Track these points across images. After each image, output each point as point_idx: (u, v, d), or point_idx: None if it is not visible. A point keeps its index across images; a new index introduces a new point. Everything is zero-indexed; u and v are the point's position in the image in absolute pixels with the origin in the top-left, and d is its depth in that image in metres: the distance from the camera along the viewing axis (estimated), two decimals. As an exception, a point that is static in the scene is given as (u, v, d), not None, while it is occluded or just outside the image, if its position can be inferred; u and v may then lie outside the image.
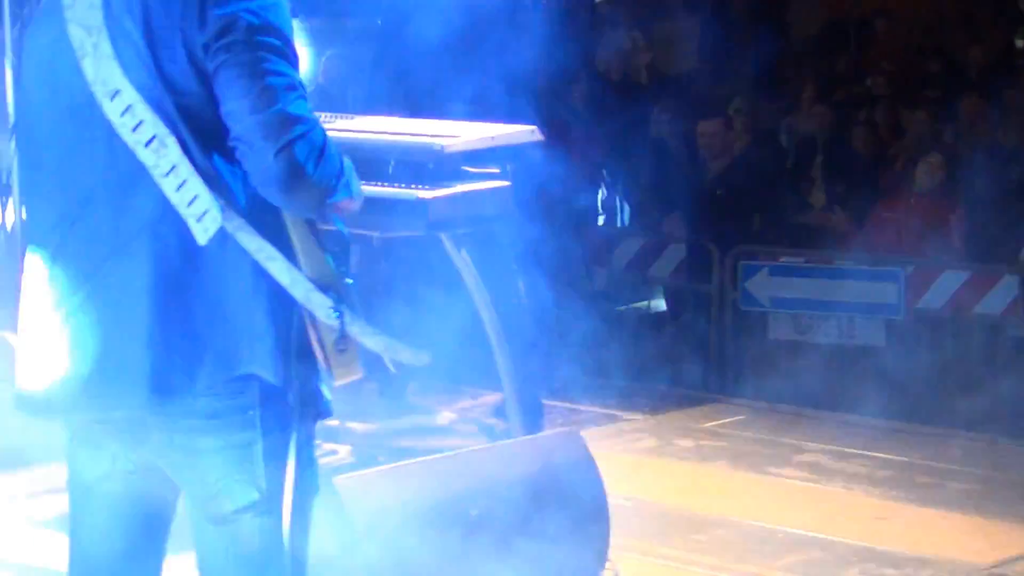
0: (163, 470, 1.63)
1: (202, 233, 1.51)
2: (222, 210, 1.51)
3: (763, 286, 5.60)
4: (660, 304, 6.58)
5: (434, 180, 2.87)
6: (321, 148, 1.54)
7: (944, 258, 5.56)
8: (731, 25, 12.94)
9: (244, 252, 1.53)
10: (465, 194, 2.90)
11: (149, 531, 1.70)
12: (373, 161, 3.21)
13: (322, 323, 1.57)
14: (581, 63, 9.98)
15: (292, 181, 1.52)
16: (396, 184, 2.85)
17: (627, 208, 8.82)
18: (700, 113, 6.82)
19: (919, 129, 7.45)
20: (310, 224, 1.62)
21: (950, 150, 7.30)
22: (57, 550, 2.96)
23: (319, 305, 1.54)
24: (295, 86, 1.54)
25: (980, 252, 6.08)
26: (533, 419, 3.10)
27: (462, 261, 3.05)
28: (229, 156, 1.54)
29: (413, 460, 2.78)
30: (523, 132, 3.12)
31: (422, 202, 2.81)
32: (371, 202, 2.80)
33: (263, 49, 1.51)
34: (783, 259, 5.79)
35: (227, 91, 1.50)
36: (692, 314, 6.04)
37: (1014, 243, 5.59)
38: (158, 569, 1.74)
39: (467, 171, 2.95)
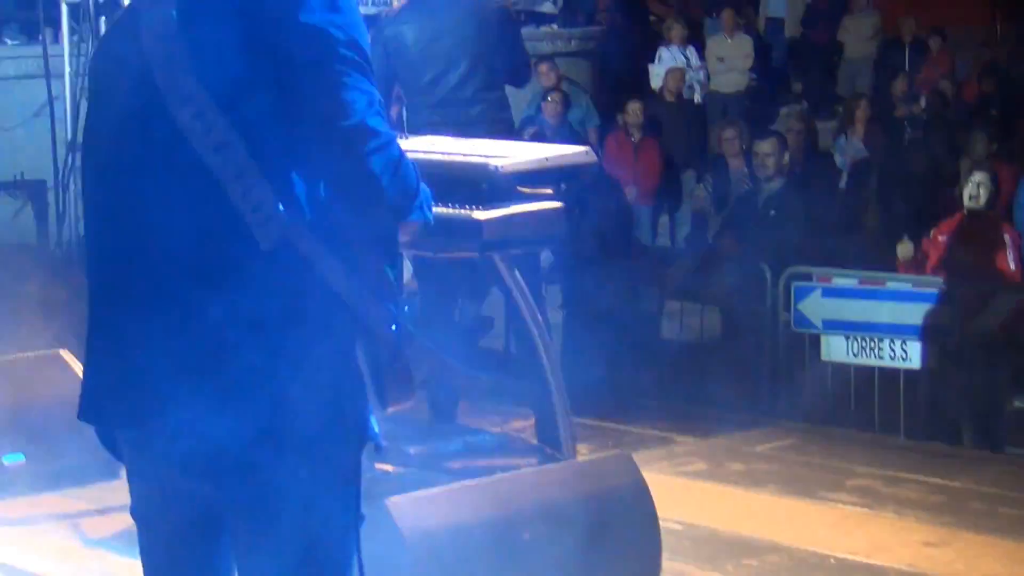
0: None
1: (265, 239, 1.51)
2: (287, 217, 1.51)
3: (816, 307, 5.54)
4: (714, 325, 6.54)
5: (488, 201, 2.89)
6: (397, 162, 1.56)
7: (997, 281, 5.46)
8: (786, 44, 12.93)
9: (305, 259, 1.52)
10: (518, 215, 2.91)
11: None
12: (427, 180, 3.27)
13: (376, 341, 1.56)
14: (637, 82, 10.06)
15: (368, 191, 1.54)
16: (450, 204, 2.87)
17: (683, 227, 8.81)
18: (756, 133, 6.80)
19: (975, 149, 7.35)
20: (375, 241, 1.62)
21: (1008, 170, 7.19)
22: (111, 570, 3.01)
23: (378, 318, 1.54)
24: (374, 102, 1.55)
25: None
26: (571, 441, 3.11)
27: (513, 281, 3.07)
28: (299, 165, 1.55)
29: (465, 482, 2.79)
30: (578, 153, 3.14)
31: (476, 223, 2.83)
32: (426, 222, 2.87)
33: (347, 64, 1.53)
34: (836, 280, 5.72)
35: (310, 101, 1.52)
36: (745, 335, 5.99)
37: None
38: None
39: (521, 192, 2.97)
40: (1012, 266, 5.54)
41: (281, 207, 1.50)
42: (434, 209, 2.91)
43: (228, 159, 1.50)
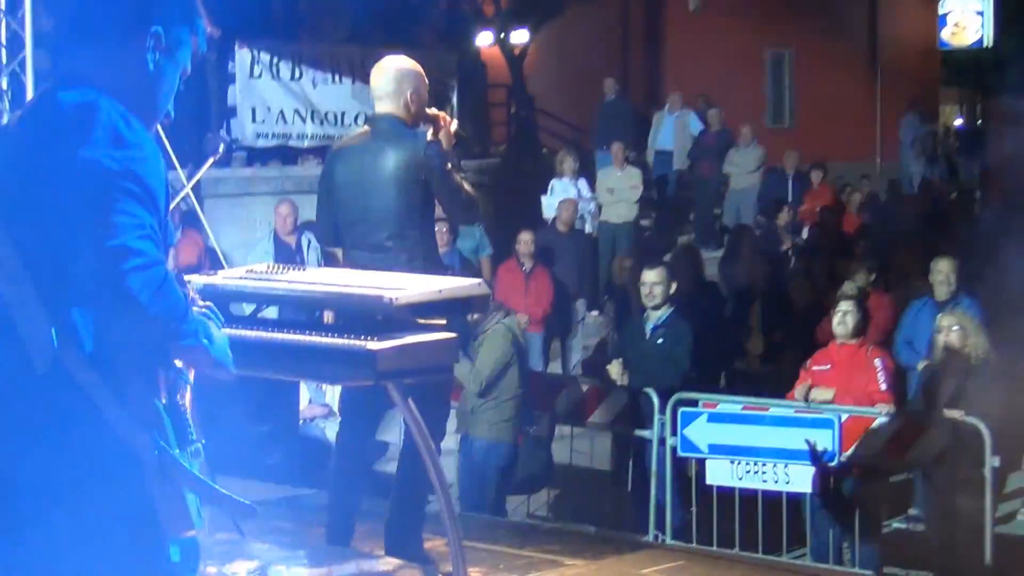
0: None
1: (40, 364, 1.62)
2: (60, 346, 1.62)
3: (701, 432, 5.72)
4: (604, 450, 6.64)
5: (383, 331, 2.99)
6: (160, 283, 1.65)
7: (872, 405, 5.74)
8: (674, 176, 13.50)
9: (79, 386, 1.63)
10: (412, 345, 3.00)
11: None
12: (331, 310, 3.35)
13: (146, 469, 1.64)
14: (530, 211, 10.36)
15: (126, 306, 1.63)
16: (346, 335, 2.95)
17: (574, 354, 9.00)
18: (644, 261, 7.07)
19: (855, 279, 7.68)
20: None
21: (886, 299, 7.59)
22: None
23: (143, 444, 1.64)
24: (143, 226, 1.65)
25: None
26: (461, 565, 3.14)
27: (407, 410, 3.13)
28: (82, 299, 1.66)
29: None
30: (471, 285, 3.27)
31: (371, 353, 2.90)
32: (320, 352, 2.94)
33: (120, 192, 1.65)
34: (721, 406, 5.93)
35: (84, 227, 1.64)
36: (634, 460, 6.11)
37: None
38: None
39: (416, 322, 3.08)
40: (884, 389, 5.82)
41: (55, 337, 1.61)
42: (329, 339, 3.01)
43: (15, 290, 1.62)
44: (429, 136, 3.68)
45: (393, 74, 3.75)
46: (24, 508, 1.64)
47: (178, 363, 1.75)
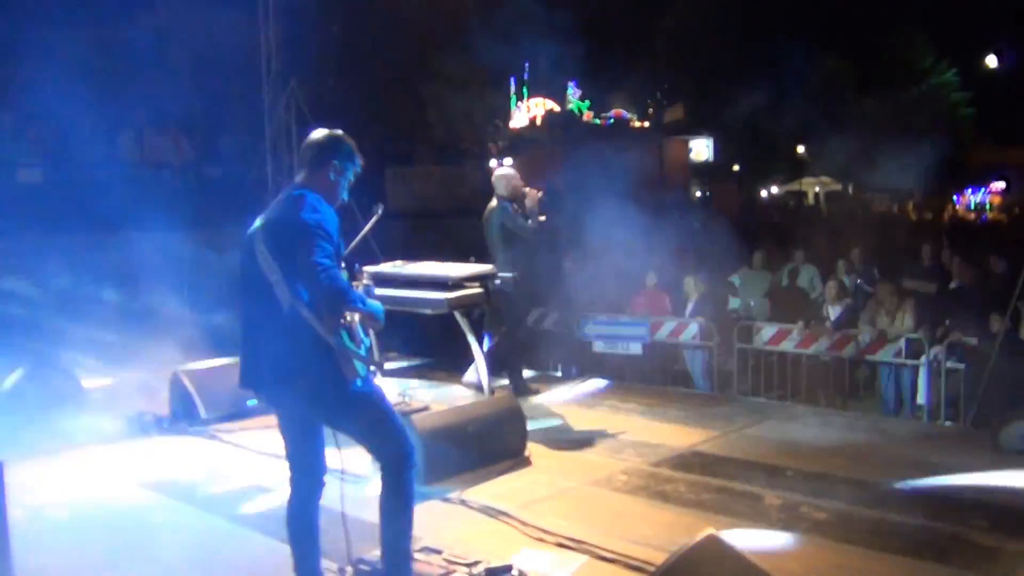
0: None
1: (284, 305, 3.60)
2: (293, 299, 3.58)
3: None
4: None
5: (451, 289, 6.74)
6: (334, 278, 3.50)
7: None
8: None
9: (303, 319, 3.56)
10: (462, 296, 6.77)
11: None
12: (420, 281, 7.10)
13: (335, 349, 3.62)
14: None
15: (321, 290, 3.50)
16: (433, 291, 6.72)
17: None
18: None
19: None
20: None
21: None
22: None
23: (334, 342, 3.62)
24: (329, 254, 3.55)
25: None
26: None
27: (464, 323, 6.91)
28: (301, 282, 3.59)
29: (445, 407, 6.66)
30: (486, 269, 7.01)
31: (444, 299, 6.69)
32: (423, 300, 6.71)
33: (318, 238, 3.58)
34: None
35: (299, 257, 3.57)
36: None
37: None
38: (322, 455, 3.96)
39: (464, 284, 6.83)
40: None
41: (291, 295, 3.61)
42: (423, 294, 6.79)
43: (276, 277, 3.63)
44: None
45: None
46: (280, 374, 3.68)
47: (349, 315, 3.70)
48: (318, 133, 3.97)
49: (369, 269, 6.75)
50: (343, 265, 3.73)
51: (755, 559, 3.59)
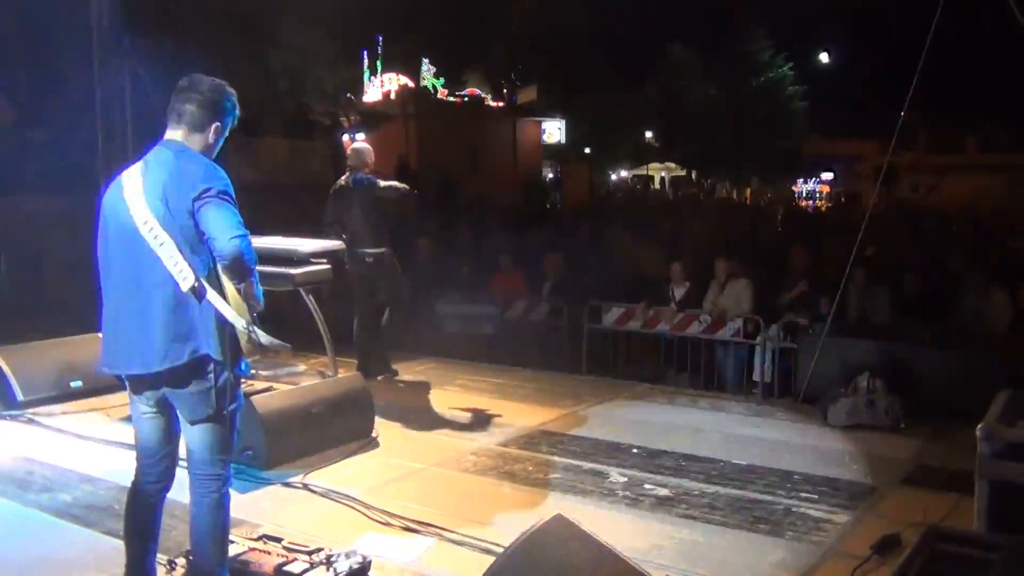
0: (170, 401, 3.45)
1: (184, 284, 3.26)
2: (195, 277, 3.24)
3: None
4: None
5: (298, 265, 6.51)
6: (250, 248, 3.26)
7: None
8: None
9: (207, 300, 3.26)
10: (309, 272, 6.55)
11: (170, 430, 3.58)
12: (265, 256, 6.81)
13: (240, 333, 3.36)
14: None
15: (238, 261, 3.23)
16: (279, 267, 6.47)
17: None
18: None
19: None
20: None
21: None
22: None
23: (236, 322, 3.33)
24: (241, 222, 3.25)
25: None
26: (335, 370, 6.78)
27: (309, 302, 6.68)
28: (201, 251, 3.27)
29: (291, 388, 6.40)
30: (336, 245, 6.81)
31: (291, 274, 6.45)
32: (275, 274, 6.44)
33: (225, 202, 3.27)
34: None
35: (208, 224, 3.25)
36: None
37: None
38: (176, 448, 3.62)
39: (311, 261, 6.60)
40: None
41: (188, 265, 3.25)
42: (273, 269, 6.54)
43: (166, 250, 3.26)
44: None
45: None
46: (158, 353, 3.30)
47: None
48: (201, 84, 3.48)
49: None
50: None
51: (601, 538, 3.60)
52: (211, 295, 3.27)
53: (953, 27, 7.75)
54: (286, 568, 3.84)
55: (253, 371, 6.81)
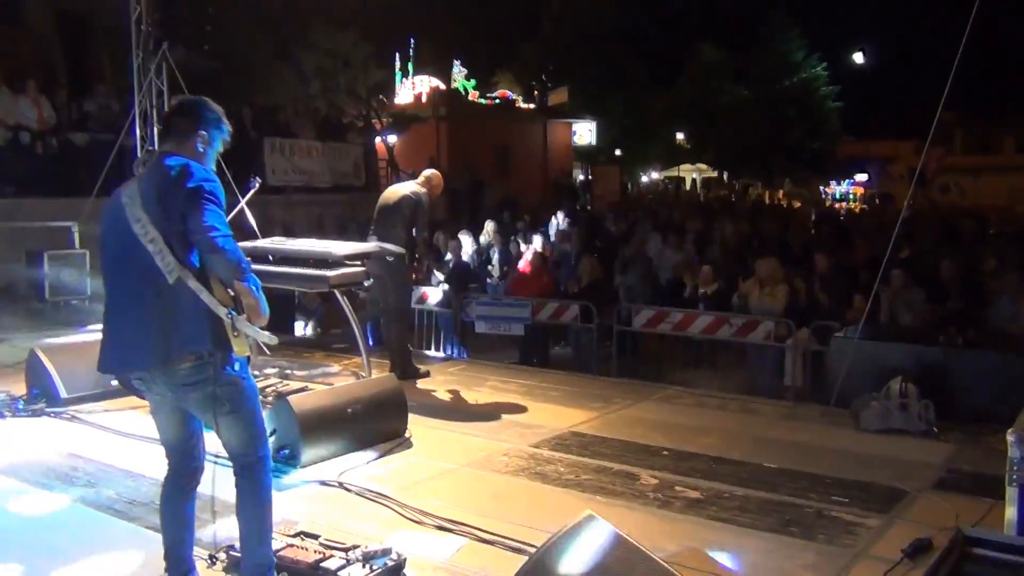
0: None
1: (170, 277, 3.31)
2: (181, 269, 3.30)
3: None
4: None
5: (333, 267, 6.61)
6: (234, 248, 3.31)
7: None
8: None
9: (191, 290, 3.28)
10: (344, 274, 6.64)
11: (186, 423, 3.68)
12: (301, 258, 6.93)
13: (225, 322, 3.35)
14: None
15: (218, 257, 3.28)
16: (314, 269, 6.57)
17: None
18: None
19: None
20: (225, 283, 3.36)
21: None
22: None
23: (218, 309, 3.33)
24: (225, 222, 3.33)
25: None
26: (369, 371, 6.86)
27: (344, 303, 6.78)
28: (191, 250, 3.35)
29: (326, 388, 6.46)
30: (373, 247, 6.89)
31: (327, 276, 6.55)
32: (305, 276, 6.54)
33: (210, 203, 3.34)
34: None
35: (192, 222, 3.31)
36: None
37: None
38: (199, 440, 3.73)
39: (345, 263, 6.70)
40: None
41: (177, 263, 3.31)
42: (305, 271, 6.65)
43: (158, 249, 3.33)
44: None
45: None
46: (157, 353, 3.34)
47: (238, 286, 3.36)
48: (180, 101, 3.70)
49: (245, 245, 6.54)
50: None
51: (632, 538, 3.64)
52: (193, 284, 3.34)
53: (989, 27, 7.68)
54: (323, 564, 3.91)
55: (256, 372, 6.91)
